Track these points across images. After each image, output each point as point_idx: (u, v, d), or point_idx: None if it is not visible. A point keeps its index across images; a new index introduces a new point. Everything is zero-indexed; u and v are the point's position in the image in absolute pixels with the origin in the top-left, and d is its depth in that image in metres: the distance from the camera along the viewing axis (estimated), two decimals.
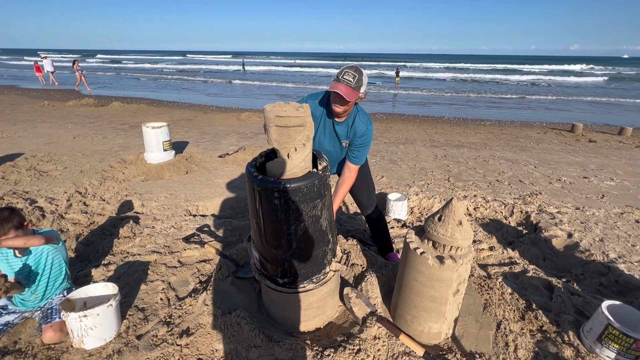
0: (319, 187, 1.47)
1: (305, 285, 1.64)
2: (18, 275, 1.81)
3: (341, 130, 2.02)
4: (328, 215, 1.60)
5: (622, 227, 3.23)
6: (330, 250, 1.69)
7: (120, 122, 8.15)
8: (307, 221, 1.49)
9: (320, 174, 1.47)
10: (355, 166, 2.09)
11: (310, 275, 1.63)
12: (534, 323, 1.90)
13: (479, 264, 2.66)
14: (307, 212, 1.47)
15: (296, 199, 1.42)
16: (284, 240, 1.51)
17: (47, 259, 1.88)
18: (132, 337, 1.78)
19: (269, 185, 1.40)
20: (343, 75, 1.75)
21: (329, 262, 1.70)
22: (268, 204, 1.44)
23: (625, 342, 1.61)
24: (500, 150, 6.47)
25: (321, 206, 1.52)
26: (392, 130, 8.24)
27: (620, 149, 6.78)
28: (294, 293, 1.67)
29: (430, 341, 1.72)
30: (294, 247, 1.53)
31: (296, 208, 1.44)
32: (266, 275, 1.69)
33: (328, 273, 1.71)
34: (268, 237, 1.53)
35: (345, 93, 1.73)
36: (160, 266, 2.37)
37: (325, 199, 1.53)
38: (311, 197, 1.45)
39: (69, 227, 2.99)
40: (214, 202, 3.62)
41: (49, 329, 1.73)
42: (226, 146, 6.01)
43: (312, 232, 1.53)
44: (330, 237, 1.66)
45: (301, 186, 1.41)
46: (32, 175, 4.15)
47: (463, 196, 3.90)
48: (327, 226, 1.60)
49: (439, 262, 1.50)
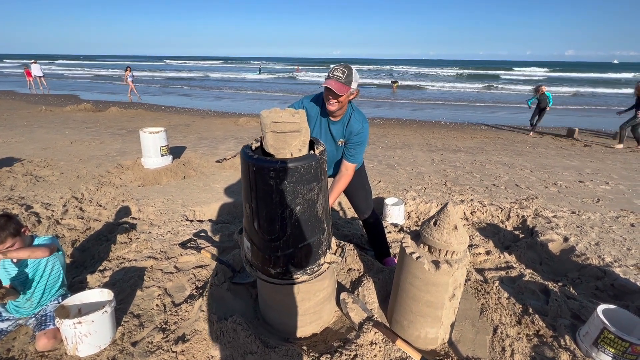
0: (316, 170, 1.43)
1: (299, 277, 1.57)
2: (14, 282, 1.79)
3: (336, 129, 2.04)
4: (324, 202, 1.55)
5: (617, 231, 3.25)
6: (326, 240, 1.63)
7: (118, 127, 8.15)
8: (303, 205, 1.44)
9: (318, 156, 1.43)
10: (351, 164, 2.09)
11: (304, 265, 1.57)
12: (530, 327, 1.90)
13: (476, 268, 2.67)
14: (303, 195, 1.42)
15: (292, 180, 1.37)
16: (277, 225, 1.45)
17: (45, 267, 1.87)
18: (127, 344, 1.76)
19: (264, 165, 1.35)
20: (333, 72, 1.83)
21: (323, 253, 1.64)
22: (263, 184, 1.38)
23: (621, 346, 1.61)
24: (496, 154, 6.51)
25: (317, 190, 1.47)
26: (389, 135, 8.28)
27: (615, 153, 6.84)
28: (287, 285, 1.60)
29: (427, 346, 1.72)
30: (288, 232, 1.47)
31: (292, 189, 1.38)
32: (258, 267, 1.62)
33: (323, 265, 1.64)
34: (261, 221, 1.47)
35: (336, 87, 1.77)
36: (156, 272, 2.35)
37: (321, 183, 1.49)
38: (308, 179, 1.41)
39: (65, 232, 2.98)
40: (211, 207, 3.62)
41: (42, 336, 1.71)
42: (224, 151, 6.02)
43: (307, 217, 1.47)
44: (325, 227, 1.60)
45: (298, 166, 1.36)
46: (28, 181, 4.13)
47: (460, 200, 3.91)
48: (323, 213, 1.55)
49: (435, 267, 1.50)
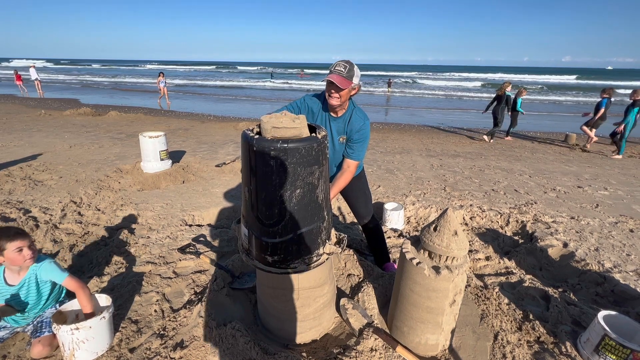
0: (317, 152, 1.41)
1: (297, 266, 1.54)
2: (10, 302, 1.76)
3: (337, 126, 2.05)
4: (325, 188, 1.53)
5: (616, 236, 3.25)
6: (325, 229, 1.59)
7: (117, 131, 8.15)
8: (303, 188, 1.41)
9: (320, 139, 1.41)
10: (353, 162, 2.10)
11: (302, 254, 1.53)
12: (531, 334, 1.89)
13: (476, 274, 2.66)
14: (304, 178, 1.39)
15: (293, 161, 1.34)
16: (277, 208, 1.42)
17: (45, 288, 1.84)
18: (125, 350, 1.75)
19: (265, 144, 1.33)
20: (335, 67, 1.87)
21: (323, 243, 1.59)
22: (263, 165, 1.36)
23: (622, 353, 1.60)
24: (495, 159, 6.53)
25: (318, 174, 1.44)
26: (388, 140, 8.30)
27: (613, 158, 6.87)
28: (284, 274, 1.56)
29: (427, 353, 1.70)
30: (287, 217, 1.43)
31: (293, 171, 1.36)
32: (254, 255, 1.57)
33: (322, 255, 1.60)
34: (260, 205, 1.44)
35: (338, 81, 1.81)
36: (154, 277, 2.34)
37: (323, 168, 1.46)
38: (309, 162, 1.38)
39: (63, 237, 2.96)
40: (211, 211, 3.61)
41: (37, 344, 1.68)
42: (223, 155, 6.02)
43: (307, 201, 1.44)
44: (325, 215, 1.56)
45: (299, 147, 1.34)
46: (26, 185, 4.12)
47: (459, 206, 3.92)
48: (323, 200, 1.52)
49: (435, 273, 1.50)
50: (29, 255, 1.70)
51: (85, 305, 1.77)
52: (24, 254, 1.68)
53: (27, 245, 1.70)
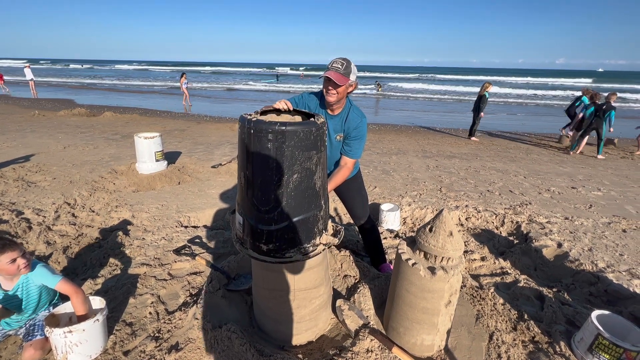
0: (316, 137, 1.38)
1: (293, 255, 1.50)
2: (4, 304, 1.73)
3: (334, 123, 2.06)
4: (322, 175, 1.50)
5: (610, 236, 3.29)
6: (322, 219, 1.56)
7: (112, 132, 8.09)
8: (301, 173, 1.38)
9: (319, 124, 1.40)
10: (350, 159, 2.11)
11: (298, 243, 1.49)
12: (526, 334, 1.91)
13: (471, 274, 2.67)
14: (302, 163, 1.37)
15: (291, 144, 1.32)
16: (273, 194, 1.39)
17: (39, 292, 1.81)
18: (119, 353, 1.73)
19: (262, 126, 1.31)
20: (332, 64, 1.89)
21: (319, 233, 1.56)
22: (260, 148, 1.33)
23: (616, 352, 1.62)
24: (490, 160, 6.58)
25: (316, 160, 1.42)
26: (384, 141, 8.33)
27: (606, 159, 6.95)
28: (279, 263, 1.53)
29: (423, 353, 1.71)
30: (284, 203, 1.40)
31: (290, 155, 1.33)
32: (249, 243, 1.52)
33: (318, 246, 1.56)
34: (256, 191, 1.41)
35: (335, 78, 1.82)
36: (149, 279, 2.32)
37: (321, 154, 1.44)
38: (307, 146, 1.36)
39: (57, 239, 2.93)
40: (206, 213, 3.59)
41: (29, 347, 1.66)
42: (219, 156, 6.00)
43: (304, 188, 1.42)
44: (322, 204, 1.54)
45: (298, 130, 1.32)
46: (19, 186, 4.07)
47: (455, 206, 3.94)
48: (320, 187, 1.49)
49: (431, 273, 1.50)
50: (23, 264, 1.68)
51: (79, 308, 1.74)
52: (17, 263, 1.65)
53: (20, 255, 1.67)
